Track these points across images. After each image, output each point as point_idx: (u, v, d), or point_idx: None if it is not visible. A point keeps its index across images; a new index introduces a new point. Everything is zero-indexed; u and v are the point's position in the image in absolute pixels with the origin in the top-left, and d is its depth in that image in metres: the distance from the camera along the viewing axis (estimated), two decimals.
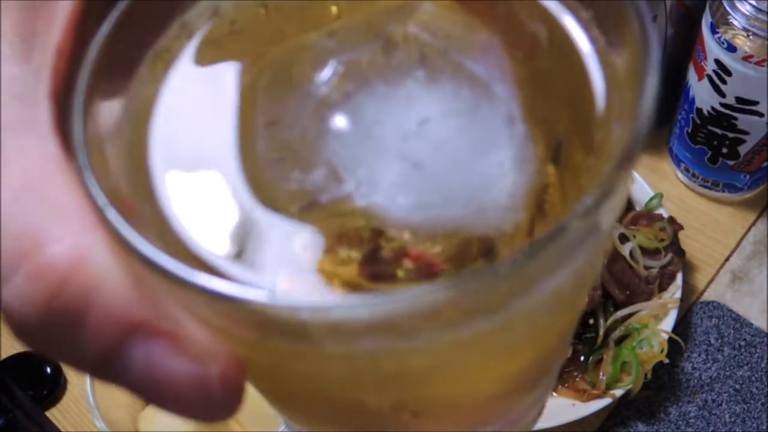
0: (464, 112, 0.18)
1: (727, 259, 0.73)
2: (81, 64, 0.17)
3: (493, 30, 0.20)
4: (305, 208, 0.17)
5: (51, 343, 0.16)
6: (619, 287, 0.65)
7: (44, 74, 0.17)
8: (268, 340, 0.16)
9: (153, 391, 0.16)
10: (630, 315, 0.65)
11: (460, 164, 0.18)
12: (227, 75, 0.19)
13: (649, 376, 0.63)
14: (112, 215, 0.15)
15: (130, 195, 0.17)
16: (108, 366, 0.16)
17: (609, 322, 0.64)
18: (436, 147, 0.18)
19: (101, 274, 0.15)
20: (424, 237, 0.17)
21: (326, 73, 0.19)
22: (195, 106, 0.19)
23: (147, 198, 0.17)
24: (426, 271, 0.17)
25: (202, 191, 0.18)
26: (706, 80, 0.67)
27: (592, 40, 0.19)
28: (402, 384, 0.18)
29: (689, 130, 0.72)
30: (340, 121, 0.18)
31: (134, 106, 0.19)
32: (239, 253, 0.17)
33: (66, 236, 0.15)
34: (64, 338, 0.16)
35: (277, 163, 0.18)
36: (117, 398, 0.60)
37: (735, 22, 0.62)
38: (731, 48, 0.63)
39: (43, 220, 0.15)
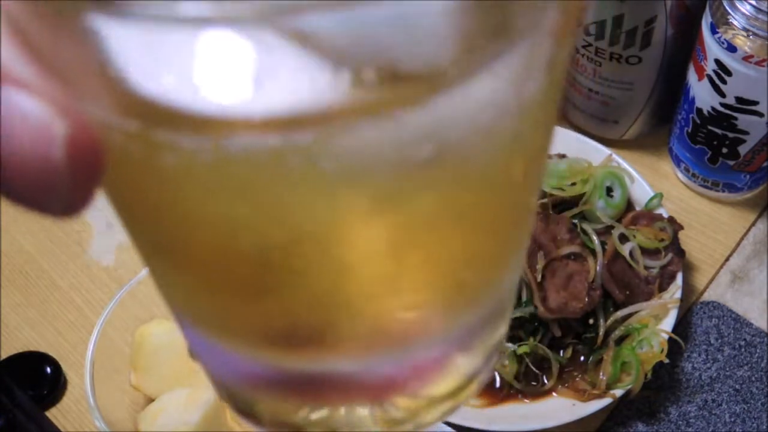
0: None
1: (727, 259, 0.73)
2: None
3: None
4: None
5: None
6: (619, 287, 0.65)
7: None
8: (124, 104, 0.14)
9: None
10: (630, 315, 0.65)
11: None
12: None
13: (649, 376, 0.63)
14: None
15: None
16: None
17: (609, 322, 0.64)
18: None
19: None
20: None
21: None
22: None
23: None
24: None
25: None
26: (706, 80, 0.67)
27: None
28: (271, 197, 0.16)
29: (689, 130, 0.72)
30: None
31: None
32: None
33: None
34: None
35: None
36: (117, 398, 0.60)
37: (735, 22, 0.62)
38: (731, 48, 0.63)
39: None
